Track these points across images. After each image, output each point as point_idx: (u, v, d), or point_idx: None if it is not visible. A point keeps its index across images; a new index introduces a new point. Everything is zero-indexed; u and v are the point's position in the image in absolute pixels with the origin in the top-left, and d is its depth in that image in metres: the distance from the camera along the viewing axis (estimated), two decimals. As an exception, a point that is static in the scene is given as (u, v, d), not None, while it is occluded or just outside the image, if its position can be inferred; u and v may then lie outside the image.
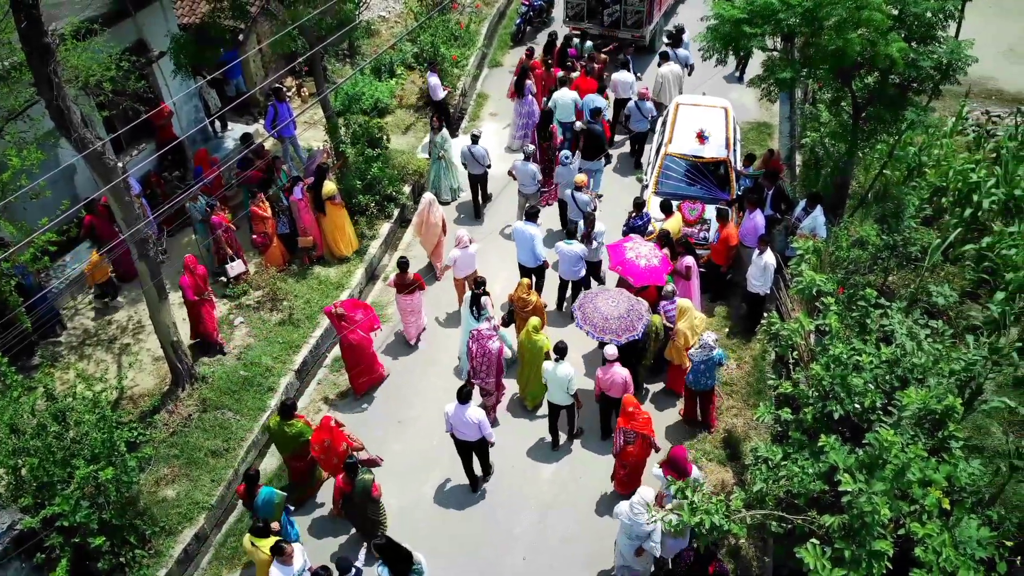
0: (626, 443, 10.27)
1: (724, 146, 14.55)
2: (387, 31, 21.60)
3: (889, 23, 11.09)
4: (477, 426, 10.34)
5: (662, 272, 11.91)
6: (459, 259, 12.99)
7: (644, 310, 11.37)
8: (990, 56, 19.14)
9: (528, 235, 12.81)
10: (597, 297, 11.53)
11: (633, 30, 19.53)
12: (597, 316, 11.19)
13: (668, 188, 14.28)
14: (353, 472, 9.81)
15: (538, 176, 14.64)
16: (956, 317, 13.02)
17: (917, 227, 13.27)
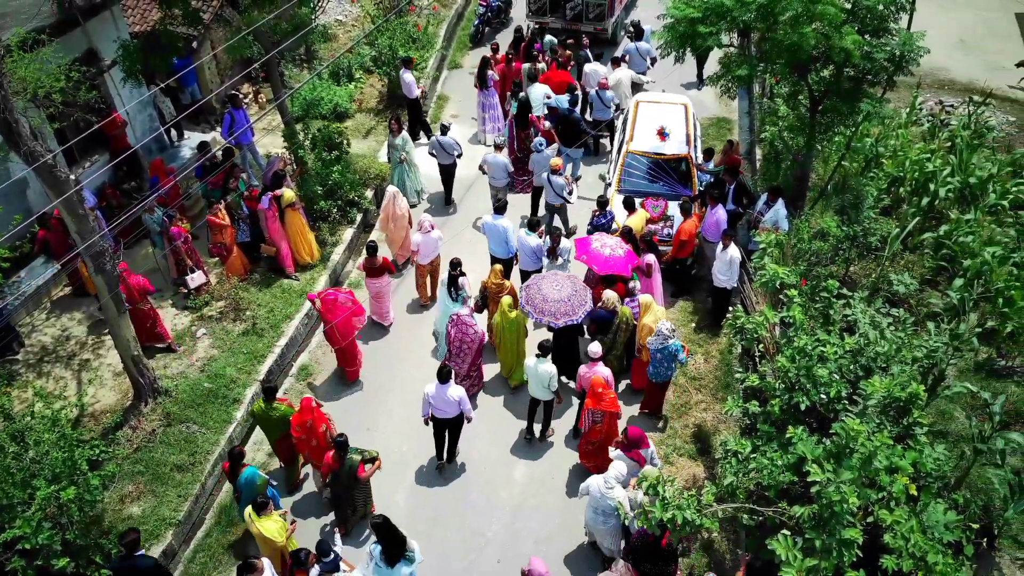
0: (594, 423, 10.49)
1: (685, 142, 14.63)
2: (344, 35, 21.44)
3: (843, 17, 11.22)
4: (457, 403, 10.53)
5: (627, 263, 11.99)
6: (421, 244, 13.12)
7: (588, 296, 11.54)
8: (942, 47, 19.54)
9: (500, 228, 12.96)
10: (544, 280, 11.72)
11: (595, 23, 19.84)
12: (539, 298, 11.41)
13: (631, 185, 14.32)
14: (343, 450, 9.96)
15: (509, 167, 14.73)
16: (917, 305, 13.22)
17: (876, 217, 13.44)
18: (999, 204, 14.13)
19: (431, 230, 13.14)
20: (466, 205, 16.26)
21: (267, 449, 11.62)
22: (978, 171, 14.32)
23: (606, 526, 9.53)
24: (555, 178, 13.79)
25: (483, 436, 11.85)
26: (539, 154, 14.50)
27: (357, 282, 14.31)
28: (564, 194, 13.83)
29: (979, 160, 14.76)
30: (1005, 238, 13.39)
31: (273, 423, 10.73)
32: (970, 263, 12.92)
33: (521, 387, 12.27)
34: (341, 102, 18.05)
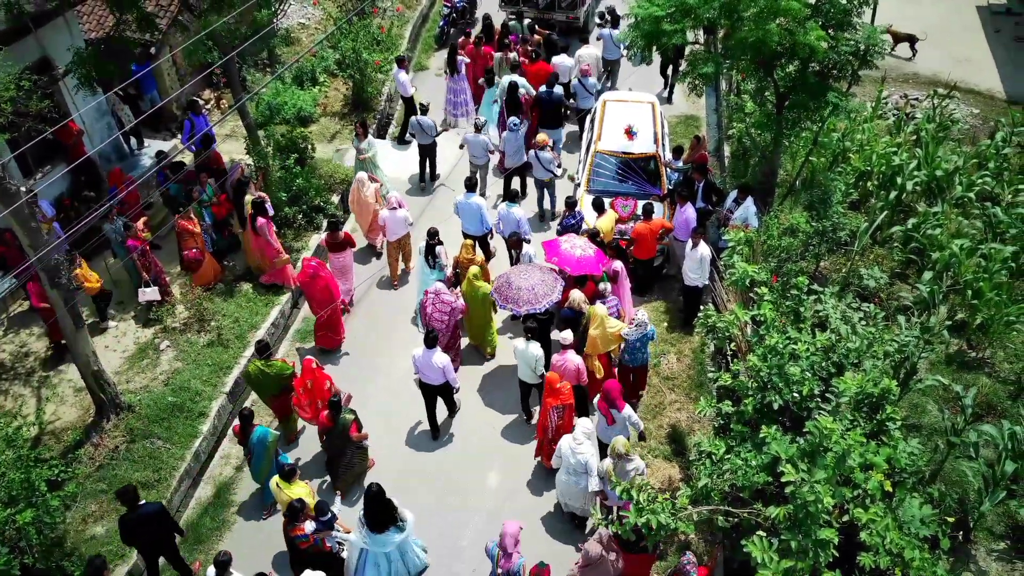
0: (558, 418, 10.51)
1: (653, 141, 14.54)
2: (307, 38, 21.11)
3: (807, 12, 11.17)
4: (441, 370, 10.80)
5: (598, 262, 11.92)
6: (388, 220, 13.36)
7: (557, 287, 11.56)
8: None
9: (474, 205, 13.21)
10: (512, 272, 11.83)
11: (568, 12, 19.84)
12: (505, 285, 11.56)
13: (600, 186, 14.21)
14: (336, 409, 10.25)
15: (489, 146, 14.90)
16: (887, 298, 13.23)
17: (845, 212, 13.43)
18: (965, 196, 14.19)
19: (398, 207, 13.33)
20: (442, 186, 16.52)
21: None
22: (944, 164, 14.37)
23: (578, 487, 9.75)
24: (542, 153, 14.02)
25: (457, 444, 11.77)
26: (512, 133, 14.53)
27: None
28: (552, 168, 14.05)
29: (945, 153, 14.81)
30: (972, 230, 13.45)
31: (270, 380, 10.99)
32: (938, 256, 12.95)
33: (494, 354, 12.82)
34: (305, 106, 17.77)
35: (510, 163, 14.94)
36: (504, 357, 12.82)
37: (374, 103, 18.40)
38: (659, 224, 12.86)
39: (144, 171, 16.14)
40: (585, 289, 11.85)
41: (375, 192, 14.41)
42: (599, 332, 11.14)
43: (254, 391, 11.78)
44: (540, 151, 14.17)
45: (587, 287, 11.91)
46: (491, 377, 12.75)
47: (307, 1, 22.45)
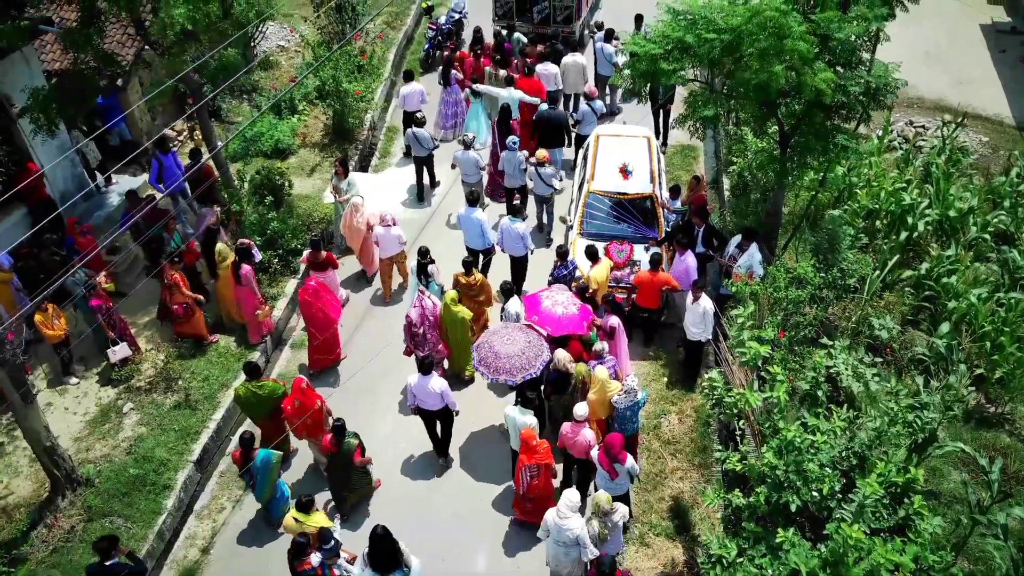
0: (531, 478, 9.97)
1: (649, 180, 13.72)
2: (287, 62, 20.25)
3: (814, 53, 10.36)
4: (440, 395, 10.54)
5: (582, 320, 11.12)
6: (381, 237, 13.12)
7: (544, 346, 10.76)
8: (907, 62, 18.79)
9: (475, 220, 12.95)
10: (493, 336, 10.90)
11: (563, 26, 19.42)
12: (491, 355, 10.65)
13: (593, 228, 13.39)
14: (341, 435, 10.05)
15: (481, 163, 14.70)
16: (900, 348, 12.47)
17: (854, 257, 12.63)
18: (980, 237, 13.43)
19: (392, 224, 13.09)
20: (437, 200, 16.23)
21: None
22: (957, 203, 13.60)
23: (568, 558, 9.22)
24: (543, 169, 13.82)
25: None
26: (510, 152, 14.19)
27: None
28: (553, 184, 13.91)
29: (957, 190, 14.04)
30: (989, 276, 12.69)
31: (261, 400, 10.75)
32: (954, 305, 12.18)
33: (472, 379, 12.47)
34: (283, 138, 16.90)
35: (510, 183, 14.62)
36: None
37: (356, 133, 17.54)
38: (663, 279, 12.03)
39: (112, 210, 15.28)
40: (570, 348, 11.05)
41: (368, 221, 13.86)
42: (598, 397, 10.33)
43: (245, 413, 11.32)
44: (541, 167, 13.94)
45: (571, 346, 11.09)
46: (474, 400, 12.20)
47: (287, 22, 21.60)
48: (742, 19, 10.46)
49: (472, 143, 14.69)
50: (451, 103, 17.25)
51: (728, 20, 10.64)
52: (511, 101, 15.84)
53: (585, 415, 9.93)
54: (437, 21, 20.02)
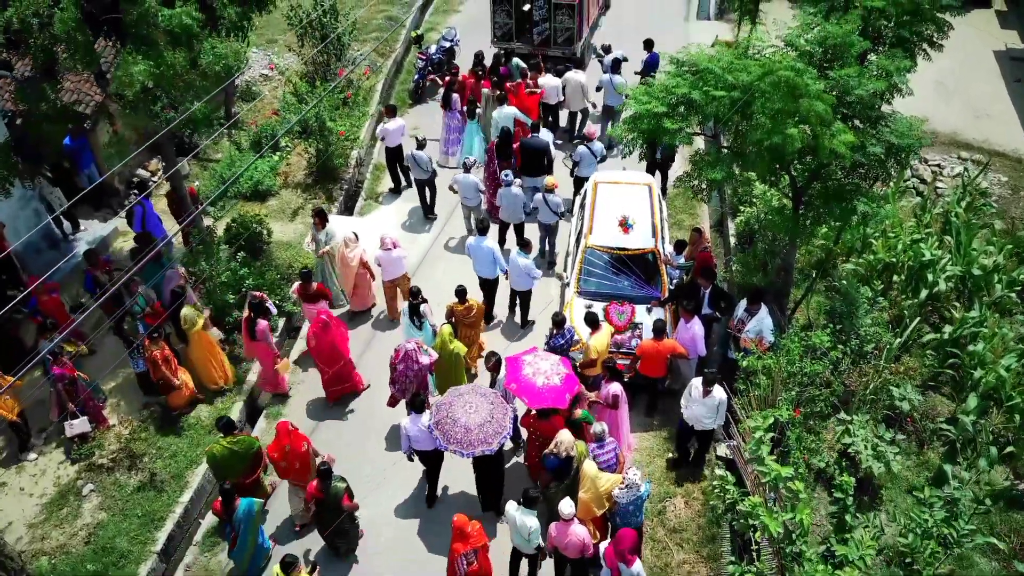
0: (468, 565, 9.15)
1: (651, 233, 12.81)
2: (271, 92, 19.32)
3: (832, 114, 9.47)
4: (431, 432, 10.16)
5: (564, 391, 10.18)
6: (383, 260, 12.95)
7: (508, 420, 10.05)
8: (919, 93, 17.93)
9: (486, 249, 12.74)
10: (454, 405, 10.08)
11: (564, 47, 18.90)
12: (449, 422, 9.91)
13: (591, 286, 12.48)
14: (327, 479, 9.65)
15: (480, 187, 14.41)
16: (921, 419, 11.61)
17: (873, 323, 11.75)
18: (1006, 295, 12.55)
19: (392, 248, 12.88)
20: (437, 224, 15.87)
21: None
22: (981, 259, 12.71)
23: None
24: (551, 196, 13.59)
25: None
26: (506, 188, 13.83)
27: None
28: (560, 211, 13.73)
29: (979, 243, 13.15)
30: (1017, 341, 11.81)
31: (239, 457, 10.23)
32: (982, 376, 11.29)
33: None
34: (263, 179, 15.97)
35: (505, 217, 14.22)
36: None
37: (341, 172, 16.62)
38: (669, 347, 11.13)
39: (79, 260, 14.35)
40: (550, 422, 10.16)
41: (360, 257, 13.26)
42: (591, 495, 9.39)
43: (218, 475, 10.45)
44: (548, 193, 13.65)
45: (552, 420, 10.19)
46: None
47: (271, 51, 20.69)
48: (753, 76, 9.58)
49: (472, 166, 14.37)
50: (454, 127, 16.84)
51: (738, 76, 9.76)
52: (507, 120, 15.51)
53: (571, 513, 8.99)
54: (427, 51, 19.12)
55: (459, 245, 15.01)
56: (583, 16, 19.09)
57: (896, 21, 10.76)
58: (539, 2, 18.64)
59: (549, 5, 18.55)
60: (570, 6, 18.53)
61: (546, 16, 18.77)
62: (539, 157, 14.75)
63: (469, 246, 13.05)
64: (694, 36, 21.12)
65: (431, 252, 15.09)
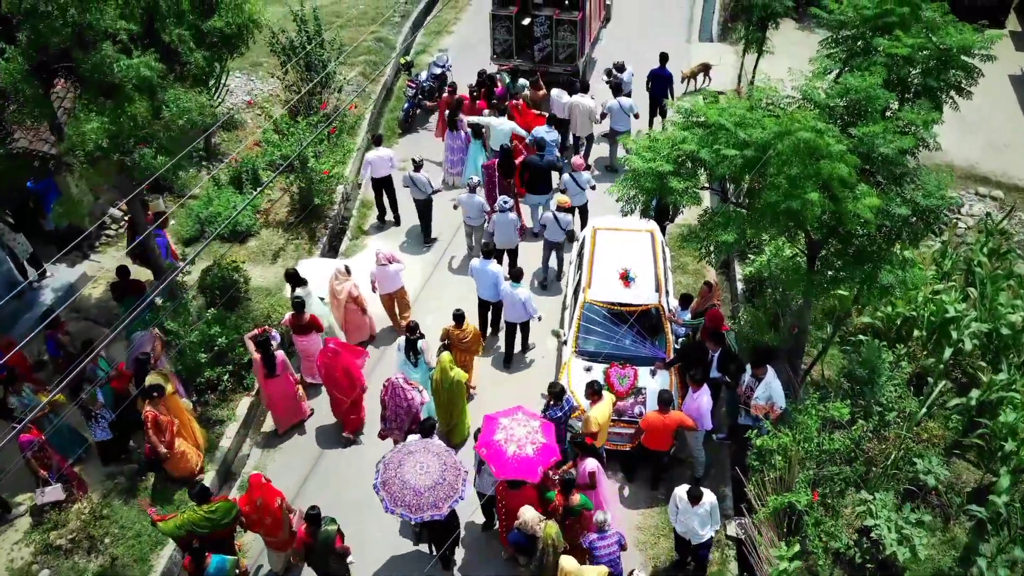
0: None
1: (654, 287, 11.95)
2: (253, 120, 18.43)
3: (856, 177, 8.60)
4: None
5: (536, 465, 9.34)
6: (378, 275, 12.85)
7: (460, 482, 9.40)
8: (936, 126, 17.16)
9: (491, 272, 12.47)
10: (404, 465, 9.44)
11: (566, 64, 18.40)
12: (397, 483, 9.28)
13: (590, 345, 11.61)
14: (316, 523, 9.30)
15: (486, 207, 14.17)
16: (947, 490, 10.77)
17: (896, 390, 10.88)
18: (1037, 354, 11.70)
19: (387, 263, 12.76)
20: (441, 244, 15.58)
21: None
22: (1008, 315, 11.84)
23: None
24: (562, 215, 13.48)
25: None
26: (502, 214, 13.45)
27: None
28: (569, 228, 13.63)
29: (1007, 298, 12.28)
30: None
31: (213, 523, 9.55)
32: (1011, 449, 10.42)
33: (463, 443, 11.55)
34: (242, 219, 15.07)
35: (500, 243, 13.67)
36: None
37: (325, 210, 15.73)
38: (676, 420, 10.26)
39: (45, 308, 13.48)
40: (520, 492, 9.40)
41: (350, 291, 12.72)
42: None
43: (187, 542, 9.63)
44: (559, 212, 13.55)
45: (523, 491, 9.42)
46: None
47: (254, 75, 19.79)
48: (769, 134, 8.70)
49: (476, 187, 14.12)
50: (457, 148, 16.25)
51: (751, 132, 8.88)
52: (503, 133, 15.29)
53: None
54: (417, 78, 18.24)
55: (462, 266, 14.78)
56: (585, 32, 18.51)
57: (923, 68, 9.87)
58: (540, 18, 18.08)
59: (551, 21, 18.02)
60: (572, 22, 17.96)
61: (547, 32, 18.22)
62: (544, 175, 14.50)
63: (473, 268, 12.79)
64: (697, 58, 20.39)
65: (434, 276, 14.76)
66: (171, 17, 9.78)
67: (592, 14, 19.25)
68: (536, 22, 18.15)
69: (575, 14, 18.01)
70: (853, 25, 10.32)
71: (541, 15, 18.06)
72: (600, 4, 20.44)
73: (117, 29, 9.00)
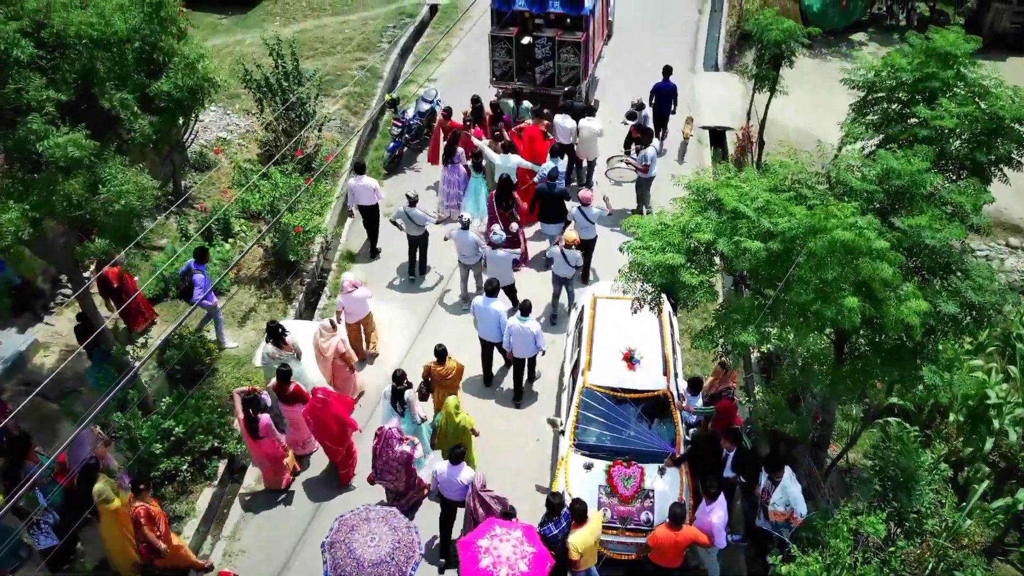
0: None
1: (662, 368, 10.74)
2: (228, 161, 17.16)
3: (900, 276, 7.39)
4: (465, 488, 9.73)
5: None
6: (345, 304, 12.52)
7: (415, 549, 8.75)
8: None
9: (493, 312, 12.02)
10: (356, 531, 8.75)
11: (569, 87, 17.37)
12: (348, 562, 8.49)
13: (590, 438, 10.38)
14: None
15: (482, 244, 13.48)
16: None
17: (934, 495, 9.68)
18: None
19: (353, 290, 12.41)
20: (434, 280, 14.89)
21: None
22: (1056, 402, 10.65)
23: None
24: (569, 252, 13.06)
25: None
26: (493, 252, 13.09)
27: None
28: (578, 264, 13.27)
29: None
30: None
31: None
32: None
33: None
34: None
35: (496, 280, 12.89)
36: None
37: (303, 264, 14.50)
38: (688, 537, 9.05)
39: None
40: None
41: (337, 347, 11.88)
42: None
43: None
44: (568, 249, 13.01)
45: None
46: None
47: (231, 108, 18.55)
48: (798, 225, 7.49)
49: (469, 224, 13.51)
50: (455, 182, 15.49)
51: (777, 221, 7.67)
52: (509, 169, 14.58)
53: None
54: (403, 116, 16.99)
55: (456, 306, 14.17)
56: (589, 53, 17.56)
57: (972, 142, 8.65)
58: (542, 40, 17.12)
59: (553, 43, 17.08)
60: (575, 43, 17.03)
61: (549, 54, 17.28)
62: (557, 203, 14.05)
63: (475, 306, 12.35)
64: (702, 88, 19.20)
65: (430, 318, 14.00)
66: (111, 80, 8.53)
67: (596, 33, 18.27)
68: (538, 44, 17.24)
69: (578, 35, 17.11)
70: (887, 88, 9.09)
71: (543, 36, 17.17)
72: (603, 22, 19.48)
73: (42, 101, 7.78)
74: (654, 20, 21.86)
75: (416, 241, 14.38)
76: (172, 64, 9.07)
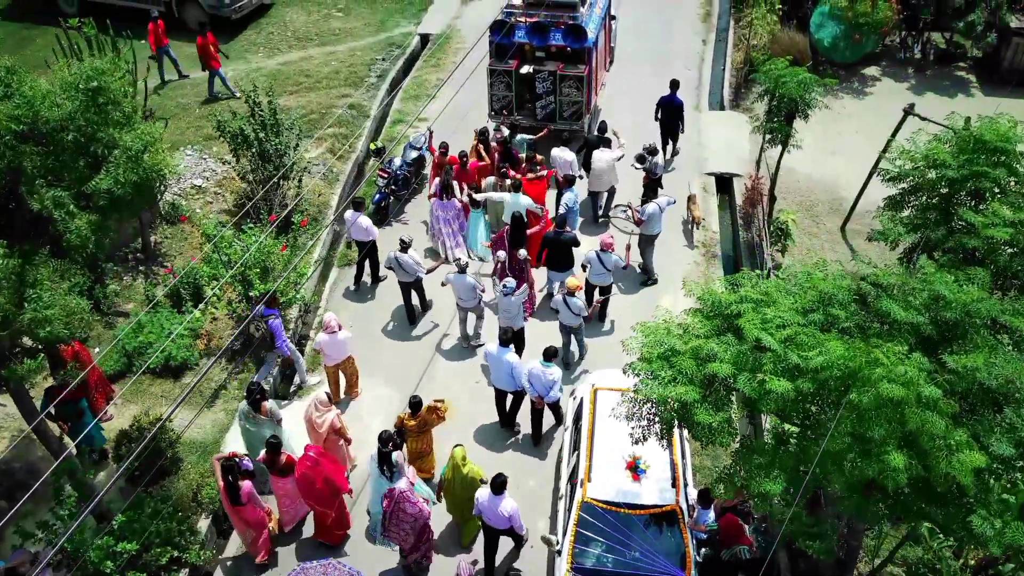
0: None
1: (670, 481, 9.66)
2: (203, 209, 16.09)
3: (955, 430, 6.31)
4: (508, 518, 9.70)
5: None
6: (325, 345, 12.20)
7: None
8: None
9: (507, 362, 11.72)
10: None
11: (571, 123, 17.01)
12: None
13: (590, 560, 9.28)
14: None
15: (479, 287, 13.22)
16: None
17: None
18: None
19: (337, 330, 12.09)
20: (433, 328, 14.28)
21: None
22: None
23: None
24: (572, 299, 12.63)
25: None
26: (506, 299, 12.57)
27: None
28: (584, 313, 12.86)
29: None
30: None
31: None
32: None
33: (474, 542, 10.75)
34: (177, 351, 12.74)
35: (505, 323, 12.68)
36: None
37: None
38: None
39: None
40: None
41: (332, 422, 11.27)
42: None
43: None
44: (570, 296, 12.58)
45: None
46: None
47: (207, 151, 17.44)
48: (833, 365, 6.40)
49: (467, 267, 13.10)
50: (448, 219, 14.87)
51: (807, 357, 6.58)
52: (518, 208, 13.96)
53: None
54: (390, 165, 15.89)
55: (454, 350, 13.74)
56: (591, 87, 16.81)
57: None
58: (543, 74, 16.47)
59: (554, 77, 16.46)
60: (578, 77, 16.40)
61: (551, 89, 16.64)
62: (564, 251, 13.63)
63: (488, 355, 12.11)
64: (707, 131, 18.14)
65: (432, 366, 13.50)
66: (42, 177, 7.44)
67: (599, 65, 17.42)
68: (539, 78, 16.53)
69: (581, 68, 16.40)
70: (931, 187, 8.01)
71: (544, 71, 16.46)
72: (606, 51, 18.52)
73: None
74: (655, 50, 20.75)
75: (409, 286, 13.86)
76: (112, 158, 7.99)
